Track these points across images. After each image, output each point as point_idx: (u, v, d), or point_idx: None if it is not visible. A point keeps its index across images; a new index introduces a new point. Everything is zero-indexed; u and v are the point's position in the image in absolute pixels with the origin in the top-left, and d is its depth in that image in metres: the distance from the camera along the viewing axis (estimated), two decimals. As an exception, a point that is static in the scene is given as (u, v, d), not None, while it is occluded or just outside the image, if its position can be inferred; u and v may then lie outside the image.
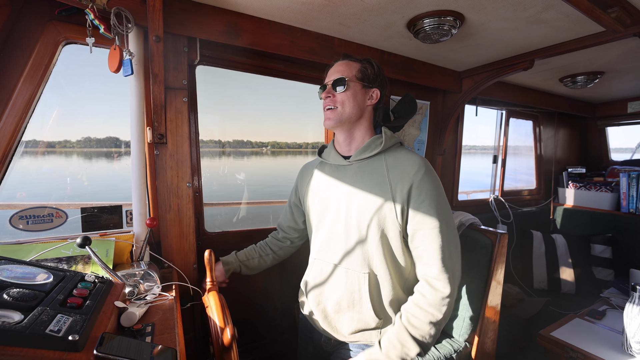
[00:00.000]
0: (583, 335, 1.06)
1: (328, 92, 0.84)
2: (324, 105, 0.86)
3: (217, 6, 0.98)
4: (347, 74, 0.84)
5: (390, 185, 0.78)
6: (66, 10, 0.83)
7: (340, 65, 0.86)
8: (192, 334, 1.07)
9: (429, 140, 1.72)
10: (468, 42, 1.22)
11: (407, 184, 0.76)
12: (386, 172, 0.80)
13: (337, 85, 0.83)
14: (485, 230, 1.09)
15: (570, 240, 1.92)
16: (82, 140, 2.06)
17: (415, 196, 0.75)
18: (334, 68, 0.87)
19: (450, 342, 1.03)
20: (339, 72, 0.85)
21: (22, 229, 0.87)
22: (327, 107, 0.85)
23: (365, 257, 0.80)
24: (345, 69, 0.85)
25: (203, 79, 1.18)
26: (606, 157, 2.54)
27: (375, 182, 0.80)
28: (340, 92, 0.83)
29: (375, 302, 0.81)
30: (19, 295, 0.50)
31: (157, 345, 0.55)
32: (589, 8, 0.86)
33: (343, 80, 0.83)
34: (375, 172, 0.81)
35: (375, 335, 0.82)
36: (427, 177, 0.76)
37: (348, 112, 0.83)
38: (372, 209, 0.78)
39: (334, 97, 0.84)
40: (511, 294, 1.73)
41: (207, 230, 1.22)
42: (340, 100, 0.83)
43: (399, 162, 0.80)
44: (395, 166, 0.80)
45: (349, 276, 0.82)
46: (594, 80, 1.64)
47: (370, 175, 0.81)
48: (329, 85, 0.85)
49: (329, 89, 0.85)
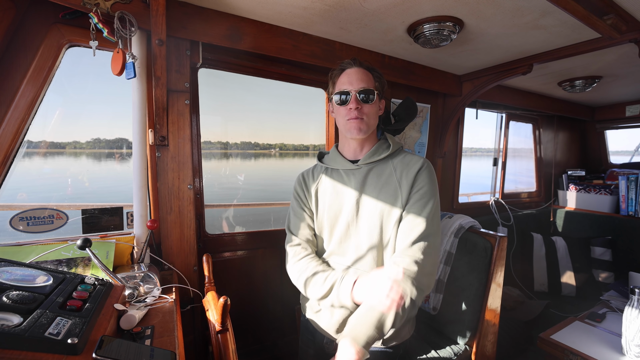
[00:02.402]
0: (583, 338, 1.06)
1: (357, 102, 0.81)
2: (349, 115, 0.83)
3: (219, 10, 0.99)
4: (373, 85, 0.83)
5: (399, 182, 0.83)
6: (70, 14, 0.84)
7: (362, 74, 0.83)
8: (192, 336, 1.06)
9: (430, 143, 1.72)
10: (467, 47, 1.24)
11: (411, 178, 0.82)
12: (394, 171, 0.85)
13: (367, 97, 0.82)
14: (485, 233, 1.09)
15: (570, 242, 1.92)
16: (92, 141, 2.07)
17: (415, 186, 0.82)
18: (355, 75, 0.83)
19: (451, 345, 1.02)
20: (364, 81, 0.82)
21: (22, 231, 0.87)
22: (356, 118, 0.82)
23: (377, 255, 0.82)
24: (368, 79, 0.83)
25: (207, 82, 1.19)
26: (605, 160, 2.55)
27: (384, 182, 0.84)
28: (368, 103, 0.83)
29: None
30: (18, 298, 0.49)
31: (156, 348, 0.55)
32: (585, 15, 0.87)
33: (372, 93, 0.83)
34: (383, 173, 0.85)
35: None
36: (427, 172, 0.83)
37: (372, 123, 0.86)
38: (384, 206, 0.82)
39: (362, 109, 0.82)
40: (511, 297, 1.73)
41: (208, 232, 1.22)
42: (367, 112, 0.83)
43: (404, 163, 0.85)
44: (401, 166, 0.85)
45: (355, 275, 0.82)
46: (592, 85, 1.65)
47: (379, 176, 0.85)
48: (355, 94, 0.81)
49: (358, 100, 0.82)
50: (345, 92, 0.83)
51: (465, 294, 1.04)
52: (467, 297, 1.03)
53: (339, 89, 0.85)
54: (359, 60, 0.86)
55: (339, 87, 0.85)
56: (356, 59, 0.86)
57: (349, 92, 0.83)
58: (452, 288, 1.08)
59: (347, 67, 0.85)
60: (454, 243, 1.11)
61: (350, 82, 0.83)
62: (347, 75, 0.84)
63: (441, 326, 1.10)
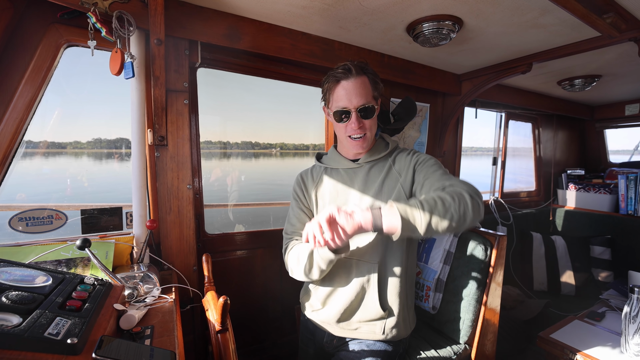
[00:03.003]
0: (582, 337, 1.06)
1: (358, 121, 0.81)
2: (350, 132, 0.82)
3: (218, 10, 0.99)
4: (370, 97, 0.82)
5: (399, 173, 0.86)
6: (68, 14, 0.84)
7: (360, 87, 0.80)
8: (192, 336, 1.06)
9: (429, 142, 1.72)
10: (467, 46, 1.24)
11: (411, 167, 0.85)
12: (393, 166, 0.89)
13: (367, 114, 0.82)
14: (485, 232, 1.09)
15: (569, 241, 1.92)
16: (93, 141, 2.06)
17: (418, 167, 0.84)
18: (354, 90, 0.79)
19: (450, 344, 1.02)
20: (364, 96, 0.80)
21: (21, 231, 0.86)
22: (357, 136, 0.83)
23: (377, 246, 0.84)
24: (367, 91, 0.81)
25: (206, 81, 1.18)
26: (605, 159, 2.55)
27: (385, 176, 0.87)
28: (369, 119, 0.83)
29: (382, 292, 0.84)
30: (17, 298, 0.49)
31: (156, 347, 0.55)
32: (585, 14, 0.87)
33: (373, 107, 0.82)
34: (383, 169, 0.89)
35: (379, 327, 0.84)
36: (418, 152, 0.89)
37: (373, 133, 0.88)
38: (388, 198, 0.83)
39: (364, 125, 0.82)
40: (511, 296, 1.73)
41: (208, 232, 1.22)
42: (369, 126, 0.84)
43: (400, 158, 0.89)
44: (398, 161, 0.89)
45: (359, 267, 0.84)
46: (592, 84, 1.65)
47: (379, 172, 0.88)
48: (355, 113, 0.80)
49: (359, 119, 0.81)
50: (344, 110, 0.81)
51: (464, 293, 1.04)
52: (467, 296, 1.03)
53: (337, 106, 0.82)
54: (354, 67, 0.80)
55: (336, 103, 0.82)
56: (351, 67, 0.80)
57: (349, 111, 0.81)
58: (452, 287, 1.08)
59: (342, 79, 0.80)
60: (453, 242, 1.11)
61: (349, 98, 0.80)
62: (344, 89, 0.80)
63: (441, 325, 1.10)
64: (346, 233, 0.63)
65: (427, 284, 1.12)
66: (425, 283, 1.13)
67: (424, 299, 1.13)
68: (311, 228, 0.65)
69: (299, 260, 0.83)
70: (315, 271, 0.81)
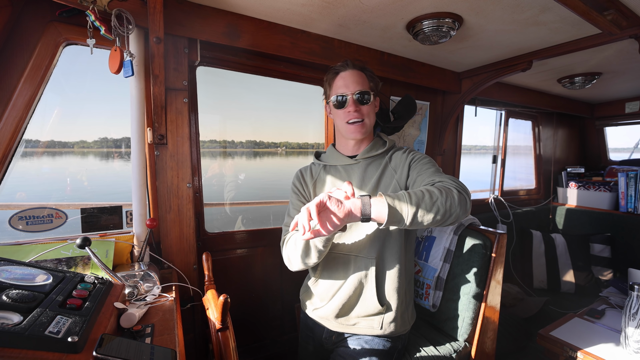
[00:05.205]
0: (582, 335, 1.07)
1: (355, 105, 0.85)
2: (348, 117, 0.86)
3: (217, 8, 0.98)
4: (367, 86, 0.87)
5: (395, 170, 0.88)
6: (67, 12, 0.84)
7: (357, 76, 0.86)
8: (192, 334, 1.07)
9: (429, 140, 1.72)
10: (467, 44, 1.23)
11: (407, 164, 0.87)
12: (389, 163, 0.91)
13: (364, 99, 0.86)
14: (485, 230, 1.09)
15: (569, 239, 1.92)
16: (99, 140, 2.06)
17: (413, 164, 0.86)
18: (350, 78, 0.86)
19: (450, 342, 1.03)
20: (360, 84, 0.86)
21: (21, 230, 0.87)
22: (354, 120, 0.86)
23: (375, 242, 0.85)
24: (363, 80, 0.87)
25: (205, 80, 1.18)
26: (605, 157, 2.55)
27: (381, 172, 0.89)
28: (366, 104, 0.86)
29: (380, 287, 0.85)
30: (18, 297, 0.49)
31: (156, 346, 0.55)
32: (585, 11, 0.87)
33: (369, 94, 0.86)
34: (380, 165, 0.91)
35: (378, 322, 0.85)
36: (415, 151, 0.90)
37: (371, 122, 0.89)
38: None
39: (361, 110, 0.86)
40: (511, 294, 1.74)
41: (208, 231, 1.22)
42: (366, 113, 0.87)
43: (396, 155, 0.92)
44: (394, 159, 0.91)
45: (357, 262, 0.85)
46: (592, 81, 1.65)
47: (376, 169, 0.90)
48: (352, 97, 0.85)
49: (356, 103, 0.85)
50: (342, 95, 0.87)
51: (464, 291, 1.04)
52: (467, 294, 1.03)
53: (335, 93, 0.88)
54: (351, 62, 0.88)
55: (335, 91, 0.88)
56: (349, 61, 0.89)
57: (346, 95, 0.86)
58: (452, 285, 1.08)
59: (341, 70, 0.88)
60: (453, 240, 1.11)
61: (346, 85, 0.86)
62: (342, 79, 0.87)
63: (441, 323, 1.10)
64: (338, 218, 0.63)
65: (427, 282, 1.13)
66: (425, 281, 1.13)
67: (424, 297, 1.13)
68: (301, 217, 0.63)
69: (296, 244, 0.82)
70: (313, 253, 0.79)
